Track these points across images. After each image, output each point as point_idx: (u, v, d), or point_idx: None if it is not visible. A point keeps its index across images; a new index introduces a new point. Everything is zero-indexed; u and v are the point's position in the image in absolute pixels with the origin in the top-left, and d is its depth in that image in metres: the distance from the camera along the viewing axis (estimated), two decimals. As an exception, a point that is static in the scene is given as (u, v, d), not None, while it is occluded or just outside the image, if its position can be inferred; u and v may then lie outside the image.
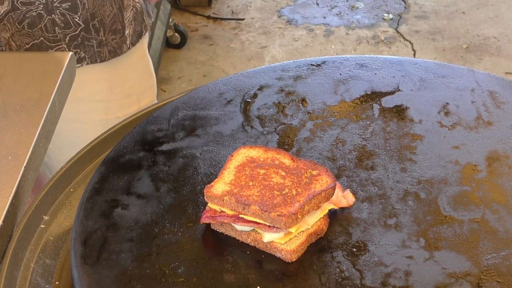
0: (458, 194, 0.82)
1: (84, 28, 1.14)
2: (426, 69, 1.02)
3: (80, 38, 1.15)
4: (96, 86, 1.22)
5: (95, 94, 1.22)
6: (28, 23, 1.12)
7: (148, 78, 1.32)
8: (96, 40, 1.17)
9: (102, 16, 1.16)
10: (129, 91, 1.25)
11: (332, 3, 3.52)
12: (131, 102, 1.26)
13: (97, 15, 1.15)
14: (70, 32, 1.14)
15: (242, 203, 0.75)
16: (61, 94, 0.97)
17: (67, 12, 1.12)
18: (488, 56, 3.06)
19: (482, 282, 0.71)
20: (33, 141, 0.87)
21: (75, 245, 0.77)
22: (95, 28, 1.15)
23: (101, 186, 0.84)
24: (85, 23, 1.14)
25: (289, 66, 1.04)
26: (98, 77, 1.21)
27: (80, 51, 1.16)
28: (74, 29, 1.14)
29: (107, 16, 1.16)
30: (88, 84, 1.20)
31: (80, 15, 1.13)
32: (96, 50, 1.18)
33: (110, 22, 1.17)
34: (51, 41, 1.14)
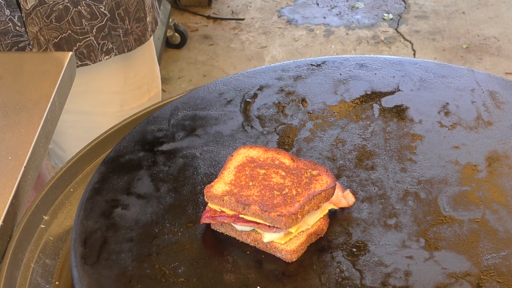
0: (458, 194, 0.82)
1: (110, 18, 1.15)
2: (426, 69, 1.02)
3: (107, 29, 1.15)
4: (112, 78, 1.22)
5: (111, 86, 1.23)
6: (55, 16, 1.11)
7: (155, 67, 1.33)
8: (122, 29, 1.17)
9: (126, 4, 1.16)
10: (140, 82, 1.26)
11: (332, 3, 3.52)
12: (142, 93, 1.28)
13: (122, 4, 1.15)
14: (96, 23, 1.14)
15: (242, 203, 0.75)
16: (61, 94, 0.97)
17: (92, 2, 1.12)
18: (488, 56, 3.06)
19: (482, 282, 0.71)
20: (33, 141, 0.87)
21: (75, 245, 0.77)
22: (120, 17, 1.16)
23: (101, 186, 0.84)
24: (110, 13, 1.14)
25: (289, 66, 1.04)
26: (114, 68, 1.22)
27: (108, 42, 1.17)
28: (100, 19, 1.14)
29: (131, 4, 1.17)
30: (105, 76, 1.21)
31: (105, 5, 1.13)
32: (123, 40, 1.18)
33: (134, 10, 1.17)
34: (79, 34, 1.14)
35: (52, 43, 1.14)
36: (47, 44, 1.13)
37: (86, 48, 1.16)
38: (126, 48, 1.19)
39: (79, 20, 1.13)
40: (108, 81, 1.22)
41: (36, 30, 1.11)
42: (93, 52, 1.18)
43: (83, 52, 1.17)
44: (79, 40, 1.15)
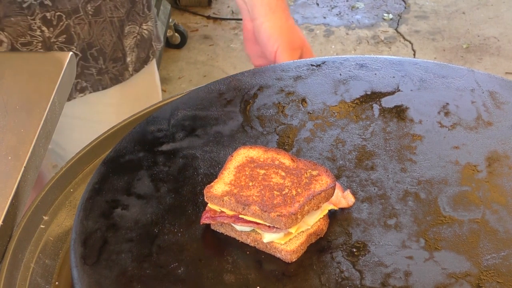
0: (458, 194, 0.82)
1: (82, 58, 1.15)
2: (426, 69, 1.02)
3: (80, 68, 1.16)
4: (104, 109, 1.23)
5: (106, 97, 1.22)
6: None
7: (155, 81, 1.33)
8: (96, 68, 1.18)
9: (101, 45, 1.16)
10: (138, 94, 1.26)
11: (332, 3, 3.52)
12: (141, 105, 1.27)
13: (95, 45, 1.16)
14: None
15: (242, 203, 0.75)
16: (61, 94, 0.97)
17: (64, 45, 1.13)
18: (488, 56, 3.07)
19: (482, 283, 0.71)
20: (33, 141, 0.87)
21: (75, 245, 0.76)
22: (93, 57, 1.16)
23: (101, 186, 0.84)
24: (82, 52, 1.15)
25: (289, 66, 1.04)
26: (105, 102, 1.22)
27: (82, 80, 1.17)
28: None
29: (107, 45, 1.17)
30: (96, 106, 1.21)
31: (76, 46, 1.14)
32: (96, 78, 1.18)
33: (110, 50, 1.18)
34: None
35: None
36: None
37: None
38: (100, 86, 1.19)
39: None
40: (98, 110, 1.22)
41: None
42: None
43: None
44: None
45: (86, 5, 1.13)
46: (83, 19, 1.13)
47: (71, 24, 1.12)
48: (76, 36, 1.13)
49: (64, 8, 1.11)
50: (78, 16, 1.13)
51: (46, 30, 1.11)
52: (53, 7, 1.10)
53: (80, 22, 1.13)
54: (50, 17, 1.11)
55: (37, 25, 1.10)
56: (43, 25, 1.11)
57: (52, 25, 1.11)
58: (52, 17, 1.11)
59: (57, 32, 1.12)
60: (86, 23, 1.14)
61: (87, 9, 1.13)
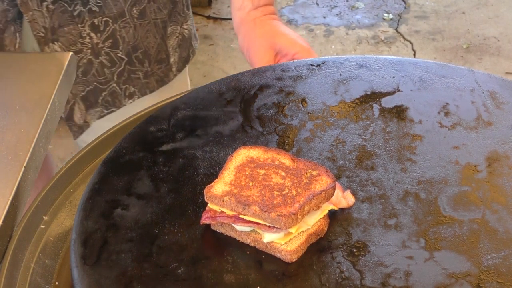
0: (458, 194, 0.82)
1: (127, 62, 1.17)
2: (426, 69, 1.02)
3: (126, 73, 1.17)
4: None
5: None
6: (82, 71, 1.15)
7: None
8: (142, 72, 1.20)
9: (146, 47, 1.18)
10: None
11: (332, 3, 3.52)
12: None
13: (139, 47, 1.18)
14: (116, 69, 1.17)
15: (242, 203, 0.75)
16: (61, 94, 0.97)
17: (110, 50, 1.15)
18: (488, 56, 3.07)
19: (482, 283, 0.71)
20: (33, 141, 0.87)
21: (75, 245, 0.76)
22: (138, 60, 1.18)
23: (101, 187, 0.84)
24: (128, 56, 1.17)
25: (289, 66, 1.04)
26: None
27: (130, 86, 1.19)
28: (119, 64, 1.17)
29: (152, 47, 1.19)
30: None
31: (121, 50, 1.16)
32: (143, 82, 1.20)
33: (155, 52, 1.20)
34: (103, 83, 1.17)
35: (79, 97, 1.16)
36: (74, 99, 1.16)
37: (111, 96, 1.19)
38: (148, 89, 1.21)
39: (102, 70, 1.16)
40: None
41: None
42: (117, 98, 1.20)
43: (108, 100, 1.19)
44: (104, 89, 1.17)
45: (131, 9, 1.15)
46: (129, 22, 1.16)
47: (117, 28, 1.15)
48: (121, 39, 1.15)
49: (110, 13, 1.14)
50: (124, 20, 1.15)
51: (94, 36, 1.14)
52: (100, 12, 1.13)
53: (125, 26, 1.16)
54: (97, 23, 1.13)
55: (87, 32, 1.13)
56: (91, 31, 1.13)
57: (100, 30, 1.14)
58: (99, 23, 1.13)
59: (104, 37, 1.14)
60: (131, 26, 1.16)
61: (132, 12, 1.15)
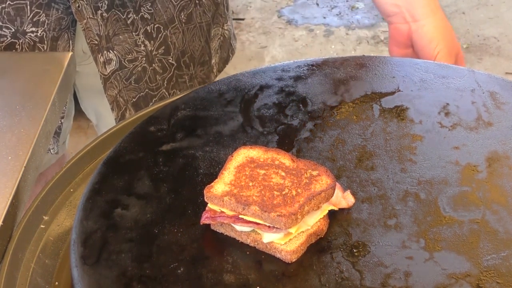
0: (458, 195, 0.82)
1: (176, 67, 1.17)
2: (426, 70, 1.02)
3: (175, 77, 1.18)
4: None
5: None
6: (135, 78, 1.14)
7: None
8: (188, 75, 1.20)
9: (192, 51, 1.19)
10: None
11: (332, 3, 3.52)
12: None
13: (187, 51, 1.18)
14: (166, 75, 1.17)
15: (242, 203, 0.75)
16: (61, 94, 0.97)
17: (162, 56, 1.16)
18: (488, 56, 3.07)
19: (482, 283, 0.71)
20: (33, 141, 0.87)
21: (75, 245, 0.76)
22: (185, 64, 1.18)
23: (101, 186, 0.84)
24: (177, 62, 1.18)
25: (289, 66, 1.04)
26: None
27: (176, 90, 1.19)
28: (169, 70, 1.17)
29: (197, 51, 1.19)
30: None
31: (172, 55, 1.16)
32: (188, 85, 1.20)
33: (199, 55, 1.20)
34: (154, 90, 1.17)
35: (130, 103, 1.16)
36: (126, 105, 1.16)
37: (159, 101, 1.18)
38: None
39: (154, 77, 1.16)
40: None
41: (116, 93, 1.14)
42: None
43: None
44: (155, 95, 1.18)
45: (180, 14, 1.15)
46: (178, 28, 1.16)
47: (168, 34, 1.15)
48: (172, 45, 1.16)
49: (161, 20, 1.14)
50: (174, 26, 1.16)
51: (149, 44, 1.14)
52: (152, 19, 1.13)
53: (175, 32, 1.16)
54: (150, 30, 1.13)
55: (141, 40, 1.13)
56: (146, 39, 1.13)
57: (153, 38, 1.14)
58: (152, 30, 1.14)
59: (157, 44, 1.15)
60: (180, 31, 1.17)
61: (180, 17, 1.16)
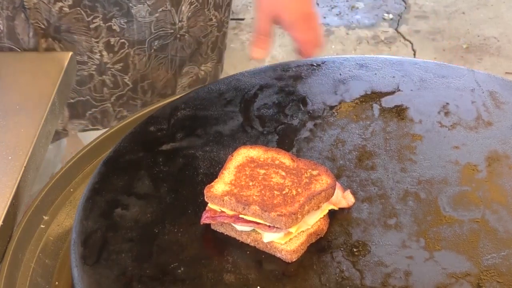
0: (458, 194, 0.82)
1: (131, 88, 1.12)
2: (426, 69, 1.02)
3: (126, 97, 1.13)
4: None
5: None
6: (77, 81, 1.09)
7: None
8: (141, 101, 1.14)
9: (154, 79, 1.13)
10: None
11: (332, 3, 3.52)
12: None
13: (148, 77, 1.12)
14: (117, 91, 1.12)
15: (242, 203, 0.75)
16: (61, 94, 0.97)
17: (118, 72, 1.10)
18: (488, 56, 3.06)
19: (482, 282, 0.71)
20: (33, 141, 0.87)
21: (75, 245, 0.76)
22: (143, 90, 1.13)
23: (101, 186, 0.84)
24: (134, 84, 1.12)
25: (289, 66, 1.04)
26: None
27: (123, 109, 1.14)
28: (121, 88, 1.12)
29: (160, 81, 1.13)
30: None
31: (130, 76, 1.11)
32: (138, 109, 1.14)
33: (161, 86, 1.14)
34: (97, 100, 1.12)
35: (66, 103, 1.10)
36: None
37: (101, 114, 1.14)
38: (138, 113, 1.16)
39: (100, 88, 1.11)
40: None
41: None
42: (107, 118, 1.15)
43: (97, 117, 1.14)
44: (96, 106, 1.12)
45: (154, 41, 1.09)
46: (145, 51, 1.10)
47: (131, 53, 1.09)
48: (132, 66, 1.10)
49: (130, 38, 1.08)
50: (141, 48, 1.09)
51: (106, 55, 1.08)
52: (120, 33, 1.07)
53: (140, 53, 1.10)
54: (113, 43, 1.07)
55: (99, 48, 1.07)
56: (104, 49, 1.08)
57: (113, 51, 1.08)
58: (115, 43, 1.08)
59: (116, 59, 1.09)
60: (145, 55, 1.10)
61: (153, 43, 1.10)
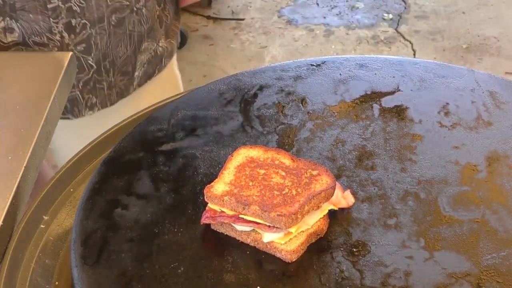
0: (458, 194, 0.82)
1: (96, 70, 1.11)
2: (426, 69, 1.02)
3: (92, 82, 1.12)
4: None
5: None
6: None
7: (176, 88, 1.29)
8: (106, 82, 1.14)
9: (114, 56, 1.12)
10: None
11: (332, 3, 3.52)
12: None
13: (108, 56, 1.12)
14: (83, 76, 1.11)
15: (242, 203, 0.75)
16: (61, 94, 0.97)
17: (81, 54, 1.09)
18: (488, 56, 3.07)
19: (482, 282, 0.71)
20: (33, 141, 0.87)
21: (75, 245, 0.77)
22: (105, 69, 1.13)
23: (101, 186, 0.84)
24: (97, 65, 1.11)
25: (289, 66, 1.04)
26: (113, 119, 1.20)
27: (92, 96, 1.13)
28: (87, 72, 1.11)
29: (119, 58, 1.13)
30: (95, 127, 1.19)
31: (93, 56, 1.10)
32: (106, 93, 1.15)
33: (121, 63, 1.14)
34: None
35: None
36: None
37: (70, 102, 1.13)
38: (109, 102, 1.15)
39: None
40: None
41: None
42: (77, 107, 1.14)
43: (67, 106, 1.12)
44: None
45: (111, 15, 1.09)
46: (105, 29, 1.09)
47: (93, 33, 1.09)
48: (94, 46, 1.10)
49: (91, 17, 1.07)
50: (101, 26, 1.09)
51: (67, 36, 1.07)
52: (81, 14, 1.06)
53: (101, 32, 1.09)
54: (75, 24, 1.07)
55: (58, 29, 1.06)
56: (64, 31, 1.07)
57: (75, 32, 1.07)
58: (76, 25, 1.07)
59: (78, 40, 1.08)
60: (106, 33, 1.10)
61: (111, 19, 1.09)
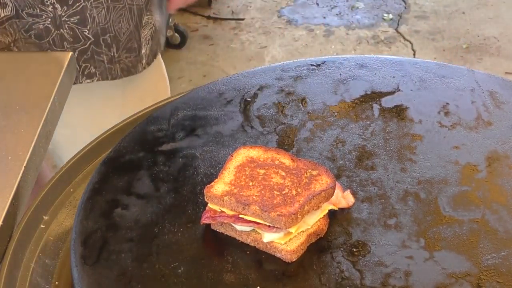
0: (458, 194, 0.82)
1: (94, 42, 1.11)
2: (426, 69, 1.02)
3: (90, 52, 1.12)
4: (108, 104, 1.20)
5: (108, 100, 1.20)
6: (35, 34, 1.08)
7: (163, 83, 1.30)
8: (107, 56, 1.14)
9: (116, 32, 1.12)
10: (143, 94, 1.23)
11: (332, 3, 3.52)
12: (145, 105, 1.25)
13: (109, 31, 1.12)
14: (79, 46, 1.11)
15: (242, 203, 0.75)
16: (61, 94, 0.97)
17: (75, 26, 1.09)
18: (488, 56, 3.06)
19: (482, 282, 0.71)
20: (33, 141, 0.87)
21: (75, 245, 0.77)
22: (106, 43, 1.12)
23: (101, 186, 0.84)
24: (95, 37, 1.11)
25: (289, 66, 1.04)
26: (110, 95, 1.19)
27: (90, 66, 1.13)
28: (83, 42, 1.11)
29: (123, 34, 1.13)
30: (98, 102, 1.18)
31: (89, 29, 1.10)
32: (107, 67, 1.15)
33: (125, 39, 1.14)
34: None
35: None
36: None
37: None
38: (110, 75, 1.15)
39: (60, 43, 1.10)
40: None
41: (9, 41, 1.08)
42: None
43: None
44: None
45: None
46: (102, 2, 1.09)
47: (87, 6, 1.08)
48: (91, 19, 1.09)
49: None
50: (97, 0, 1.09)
51: (59, 8, 1.06)
52: None
53: (98, 6, 1.09)
54: None
55: (51, 1, 1.06)
56: (57, 2, 1.06)
57: (68, 4, 1.07)
58: None
59: (71, 12, 1.07)
60: (104, 7, 1.09)
61: None
